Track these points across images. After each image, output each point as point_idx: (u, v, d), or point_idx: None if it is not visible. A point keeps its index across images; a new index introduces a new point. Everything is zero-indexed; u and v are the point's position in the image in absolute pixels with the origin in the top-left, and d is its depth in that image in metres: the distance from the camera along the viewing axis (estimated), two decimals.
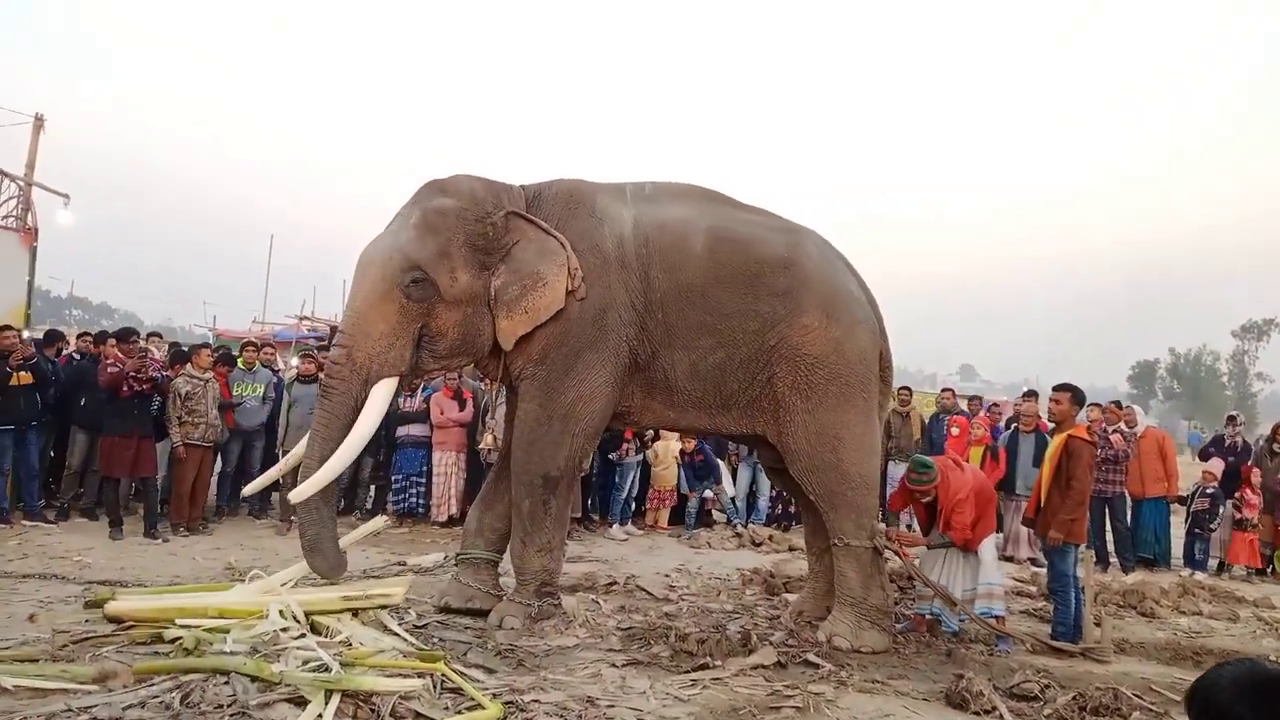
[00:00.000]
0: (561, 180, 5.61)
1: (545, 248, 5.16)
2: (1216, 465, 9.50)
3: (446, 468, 8.91)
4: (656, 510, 9.87)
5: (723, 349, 5.37)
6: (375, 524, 5.99)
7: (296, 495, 4.84)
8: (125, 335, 8.32)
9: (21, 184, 9.53)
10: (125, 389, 7.45)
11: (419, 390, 9.22)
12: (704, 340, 5.36)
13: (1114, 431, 9.20)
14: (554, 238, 5.18)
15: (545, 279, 5.09)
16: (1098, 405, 9.93)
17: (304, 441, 5.12)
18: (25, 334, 8.70)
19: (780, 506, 10.23)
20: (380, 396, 5.03)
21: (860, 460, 5.45)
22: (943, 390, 11.45)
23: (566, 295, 5.13)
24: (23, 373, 7.50)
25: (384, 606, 4.92)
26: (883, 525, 5.69)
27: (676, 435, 9.27)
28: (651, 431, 9.30)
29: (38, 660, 4.10)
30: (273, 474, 5.63)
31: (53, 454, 8.43)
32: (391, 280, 4.98)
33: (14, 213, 9.23)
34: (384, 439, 9.12)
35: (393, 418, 9.07)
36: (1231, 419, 10.49)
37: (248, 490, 5.98)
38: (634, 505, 9.75)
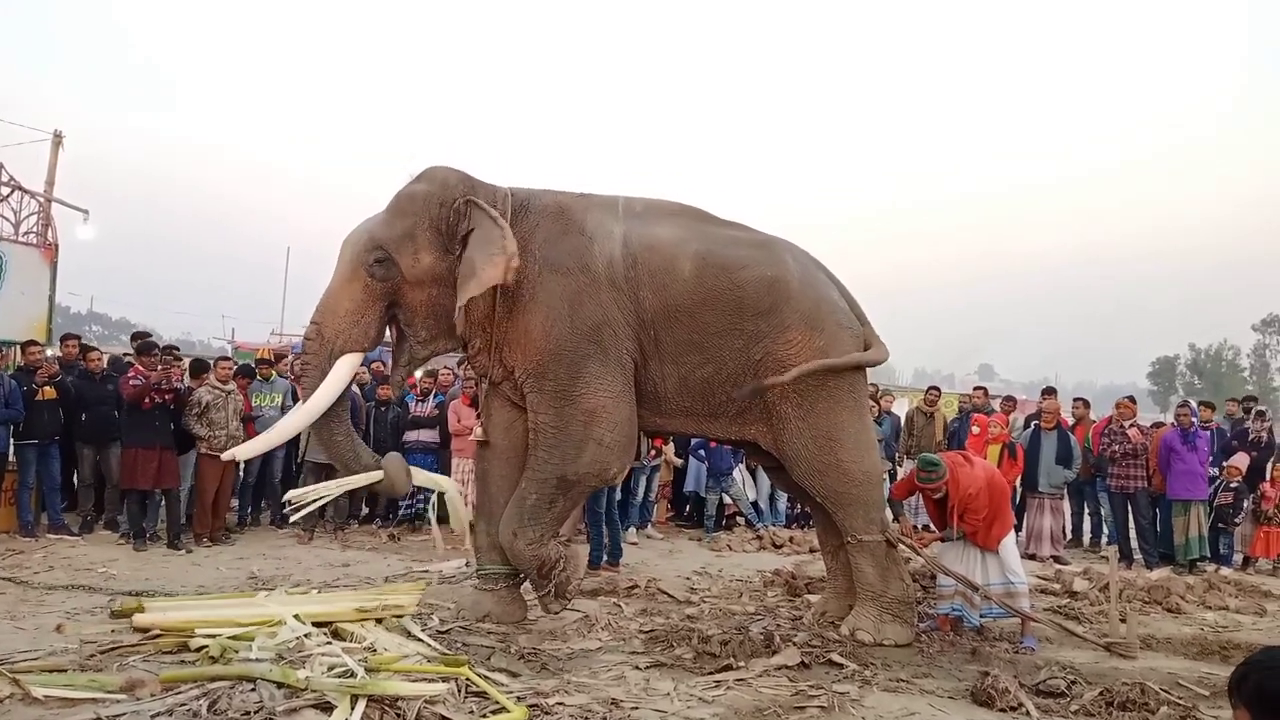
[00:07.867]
0: (552, 192, 5.63)
1: (488, 236, 5.13)
2: (1241, 460, 9.39)
3: (464, 475, 8.92)
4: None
5: (710, 364, 5.45)
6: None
7: (241, 453, 5.67)
8: (147, 349, 8.40)
9: (41, 200, 9.63)
10: (148, 401, 7.53)
11: (431, 396, 9.25)
12: (691, 356, 5.44)
13: (1131, 426, 9.14)
14: (498, 227, 5.12)
15: (476, 267, 5.07)
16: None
17: (290, 413, 5.45)
18: (49, 351, 8.80)
19: (799, 506, 10.21)
20: (342, 369, 5.24)
21: (859, 457, 5.54)
22: (975, 389, 11.45)
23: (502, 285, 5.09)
24: (48, 388, 7.61)
25: (397, 616, 4.93)
26: (895, 522, 5.69)
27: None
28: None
29: (66, 670, 4.16)
30: (257, 445, 5.94)
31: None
32: (358, 260, 5.22)
33: (35, 229, 9.33)
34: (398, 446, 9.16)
35: (402, 423, 9.13)
36: (1260, 414, 10.34)
37: (225, 456, 6.20)
38: (651, 510, 9.75)
